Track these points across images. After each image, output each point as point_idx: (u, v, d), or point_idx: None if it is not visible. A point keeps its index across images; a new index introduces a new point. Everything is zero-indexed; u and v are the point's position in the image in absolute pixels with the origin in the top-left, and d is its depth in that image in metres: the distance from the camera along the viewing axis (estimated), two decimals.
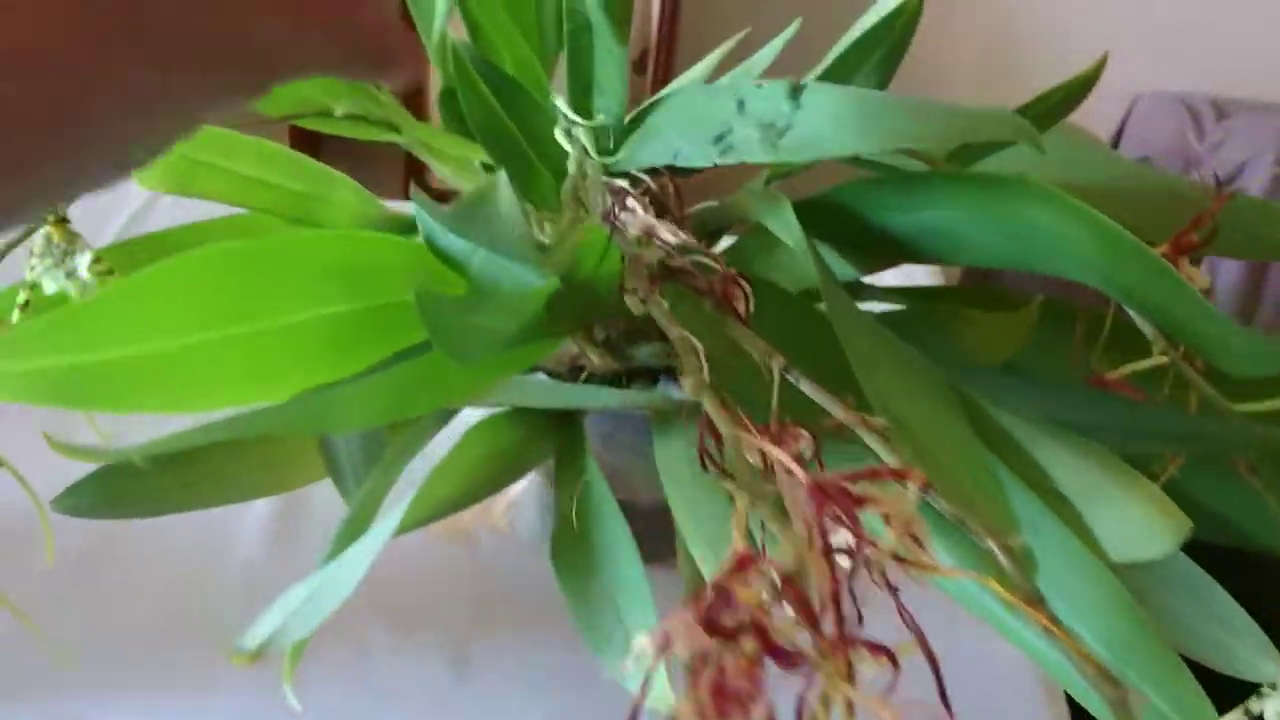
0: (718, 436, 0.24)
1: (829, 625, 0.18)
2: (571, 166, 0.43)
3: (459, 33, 0.50)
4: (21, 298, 0.40)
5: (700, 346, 0.24)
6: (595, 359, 0.48)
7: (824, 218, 0.42)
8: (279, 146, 0.44)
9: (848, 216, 0.42)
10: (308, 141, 1.34)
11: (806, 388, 0.24)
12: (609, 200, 0.31)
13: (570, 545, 0.40)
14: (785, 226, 0.39)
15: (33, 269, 0.41)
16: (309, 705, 0.54)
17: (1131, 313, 0.35)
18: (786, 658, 0.16)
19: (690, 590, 0.43)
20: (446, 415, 0.47)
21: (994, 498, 0.25)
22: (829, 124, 0.34)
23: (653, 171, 0.46)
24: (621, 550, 0.38)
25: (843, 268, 0.44)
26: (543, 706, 0.57)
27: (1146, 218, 0.36)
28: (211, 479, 0.47)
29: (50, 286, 0.41)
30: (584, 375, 0.51)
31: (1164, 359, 0.33)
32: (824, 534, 0.20)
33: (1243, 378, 0.30)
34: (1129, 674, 0.27)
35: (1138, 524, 0.27)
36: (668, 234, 0.28)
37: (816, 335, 0.38)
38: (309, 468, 0.49)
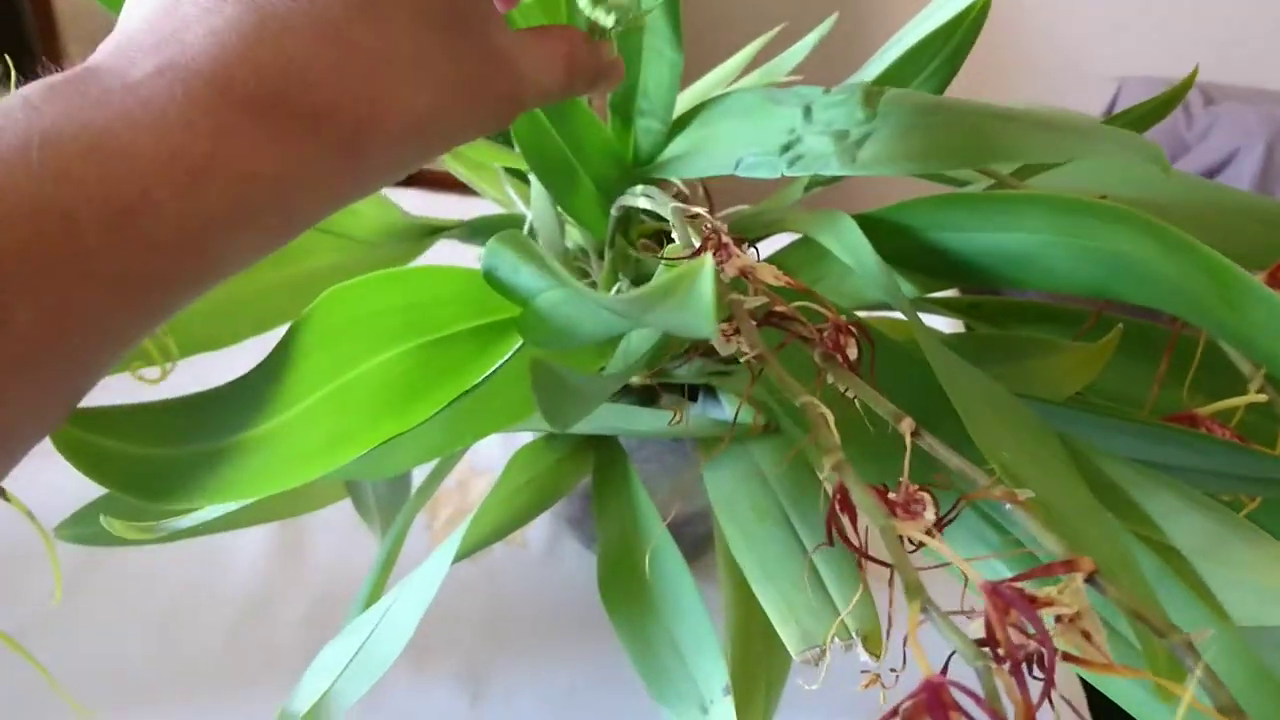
0: (848, 510, 0.22)
1: None
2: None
3: None
4: None
5: (830, 415, 0.22)
6: (633, 376, 0.46)
7: (880, 234, 0.40)
8: None
9: (907, 234, 0.40)
10: None
11: (944, 454, 0.22)
12: (689, 233, 0.29)
13: (621, 580, 0.38)
14: (852, 249, 0.37)
15: None
16: None
17: (1226, 347, 0.33)
18: None
19: (734, 609, 0.41)
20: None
21: (1136, 576, 0.23)
22: (916, 136, 0.32)
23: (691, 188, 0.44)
24: (683, 593, 0.36)
25: (905, 287, 0.42)
26: None
27: (1224, 237, 0.34)
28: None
29: None
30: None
31: (1261, 396, 0.32)
32: (1011, 646, 0.18)
33: None
34: None
35: (1265, 587, 0.26)
36: (770, 276, 0.26)
37: (883, 362, 0.36)
38: (320, 495, 0.46)
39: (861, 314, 0.44)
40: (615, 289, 0.41)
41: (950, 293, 0.56)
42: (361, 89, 0.21)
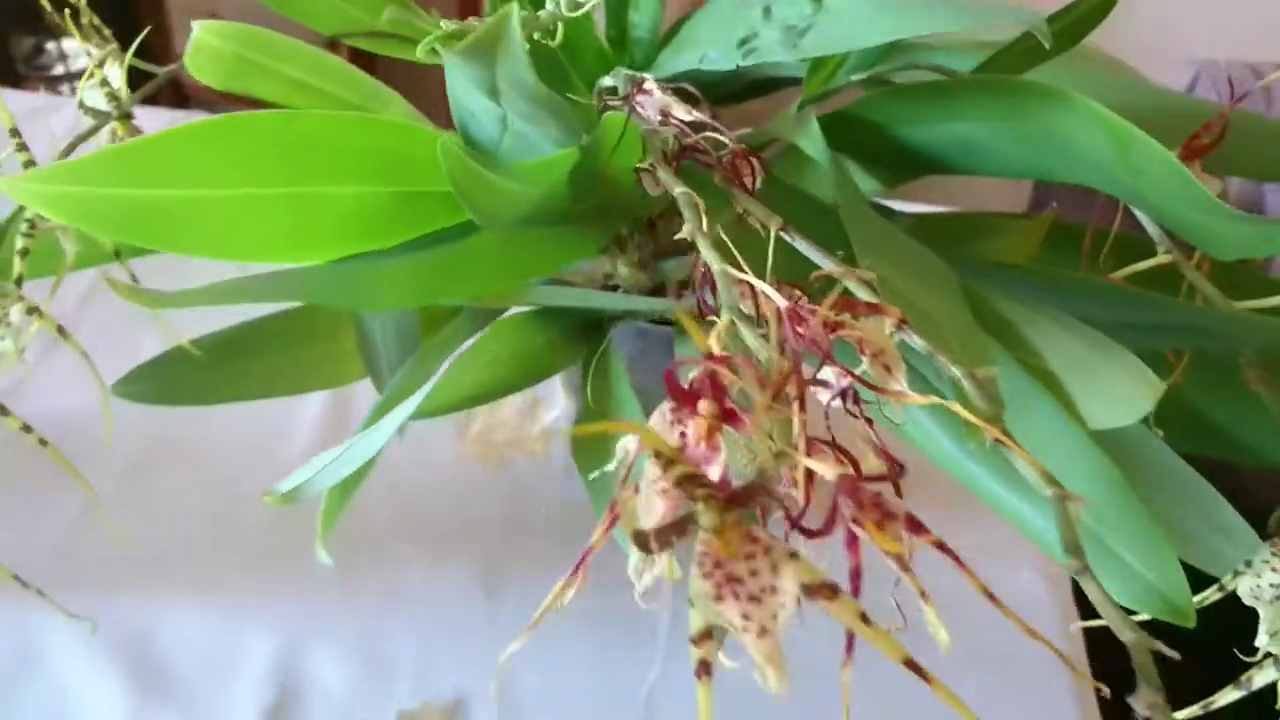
0: (711, 285, 0.26)
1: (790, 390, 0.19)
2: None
3: None
4: None
5: (700, 201, 0.25)
6: (625, 272, 0.50)
7: (851, 132, 0.43)
8: (333, 57, 0.46)
9: (873, 130, 0.43)
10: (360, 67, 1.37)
11: (801, 245, 0.26)
12: (629, 87, 0.33)
13: (590, 444, 0.42)
14: (812, 140, 0.40)
15: None
16: (349, 623, 0.57)
17: (1139, 214, 0.35)
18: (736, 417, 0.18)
19: None
20: (481, 321, 0.49)
21: (970, 338, 0.26)
22: (847, 22, 0.35)
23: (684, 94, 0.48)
24: None
25: (869, 183, 0.45)
26: (573, 623, 0.59)
27: (1166, 133, 0.36)
28: (263, 373, 0.50)
29: None
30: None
31: (1168, 258, 0.34)
32: (795, 350, 0.21)
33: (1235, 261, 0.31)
34: (1106, 534, 0.28)
35: (1117, 393, 0.28)
36: (682, 112, 0.29)
37: (811, 212, 0.39)
38: (349, 367, 0.52)
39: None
40: None
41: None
42: None
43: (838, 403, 0.23)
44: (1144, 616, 0.30)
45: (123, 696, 0.52)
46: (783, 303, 0.22)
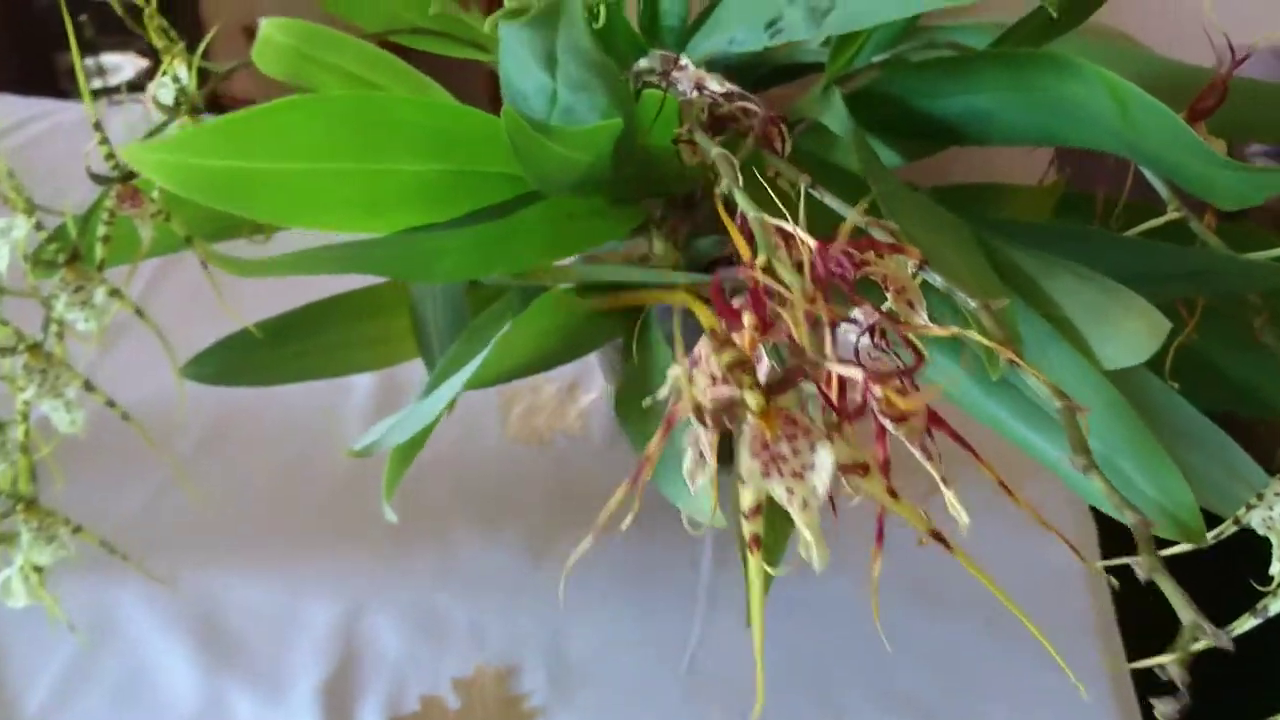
0: (748, 235, 0.28)
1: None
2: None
3: None
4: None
5: (735, 160, 0.28)
6: (661, 249, 0.53)
7: (872, 107, 0.46)
8: (383, 52, 0.49)
9: (895, 104, 0.46)
10: None
11: (828, 199, 0.28)
12: (662, 65, 0.36)
13: (634, 397, 0.44)
14: (835, 115, 0.43)
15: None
16: (405, 593, 0.60)
17: (1147, 173, 0.37)
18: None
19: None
20: (526, 299, 0.52)
21: (986, 280, 0.28)
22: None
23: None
24: None
25: (889, 156, 0.48)
26: (609, 596, 0.62)
27: (1171, 98, 0.38)
28: (320, 352, 0.53)
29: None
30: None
31: (1177, 214, 0.36)
32: (824, 279, 0.24)
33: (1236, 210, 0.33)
34: (1122, 463, 0.30)
35: (1127, 334, 0.30)
36: (715, 84, 0.32)
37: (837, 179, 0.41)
38: (404, 347, 0.55)
39: None
40: None
41: None
42: None
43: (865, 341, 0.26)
44: None
45: (193, 662, 0.56)
46: (813, 242, 0.24)
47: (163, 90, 0.46)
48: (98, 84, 1.73)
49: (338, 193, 0.33)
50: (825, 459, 0.17)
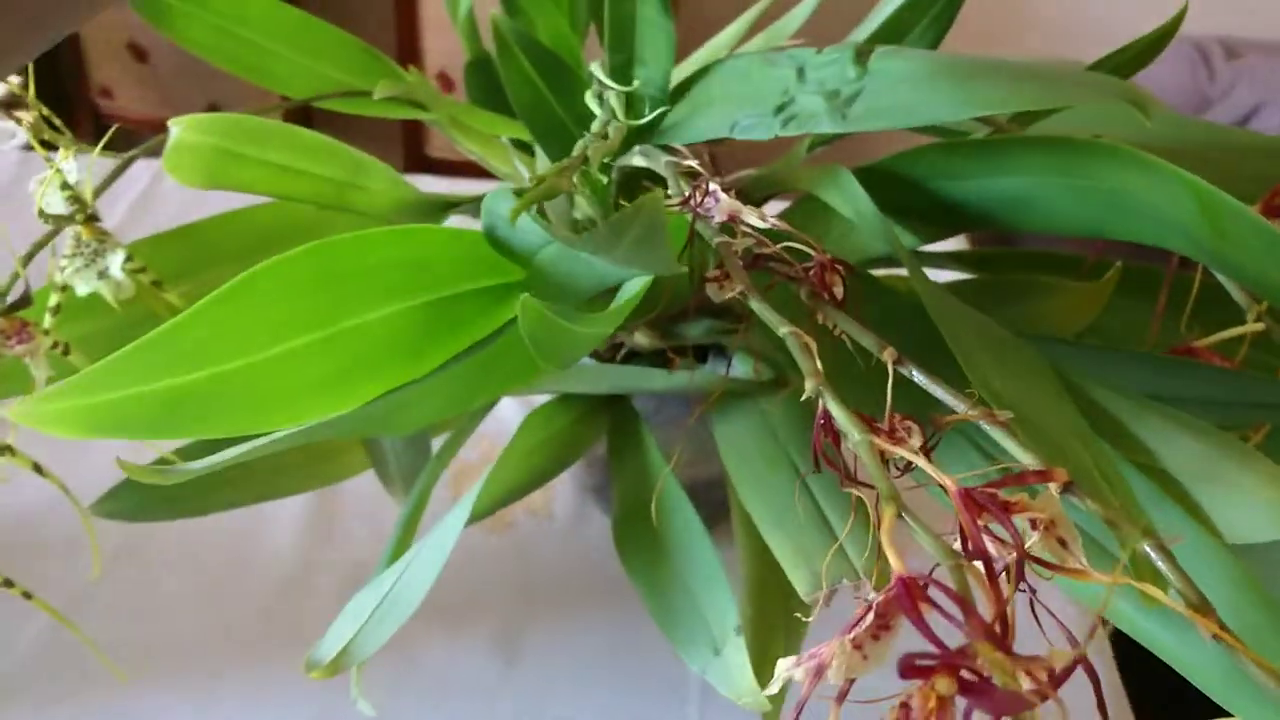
0: (834, 436, 0.23)
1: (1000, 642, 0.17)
2: (595, 126, 0.41)
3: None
4: (53, 300, 0.39)
5: (814, 344, 0.22)
6: (640, 338, 0.47)
7: (883, 186, 0.41)
8: (312, 133, 0.42)
9: (909, 185, 0.41)
10: (298, 117, 1.31)
11: (922, 380, 0.23)
12: (681, 185, 0.30)
13: (635, 532, 0.39)
14: (850, 200, 0.37)
15: (63, 270, 0.39)
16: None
17: (1222, 278, 0.33)
18: (979, 691, 0.15)
19: (748, 559, 0.42)
20: (489, 405, 0.46)
21: (1123, 492, 0.23)
22: (905, 90, 0.32)
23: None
24: (693, 539, 0.37)
25: (903, 238, 0.43)
26: (592, 693, 0.57)
27: (1226, 177, 0.34)
28: (255, 478, 0.46)
29: (82, 288, 0.39)
30: (623, 352, 0.49)
31: (1259, 325, 0.32)
32: (979, 542, 0.18)
33: None
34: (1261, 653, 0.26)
35: (1257, 504, 0.26)
36: (755, 219, 0.26)
37: (883, 308, 0.36)
38: (350, 462, 0.48)
39: (874, 273, 0.45)
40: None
41: (958, 243, 0.56)
42: None
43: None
44: None
45: None
46: (951, 484, 0.19)
47: (51, 198, 0.38)
48: None
49: (302, 375, 0.26)
50: None
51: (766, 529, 0.36)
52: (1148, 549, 0.20)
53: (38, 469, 0.38)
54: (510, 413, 0.59)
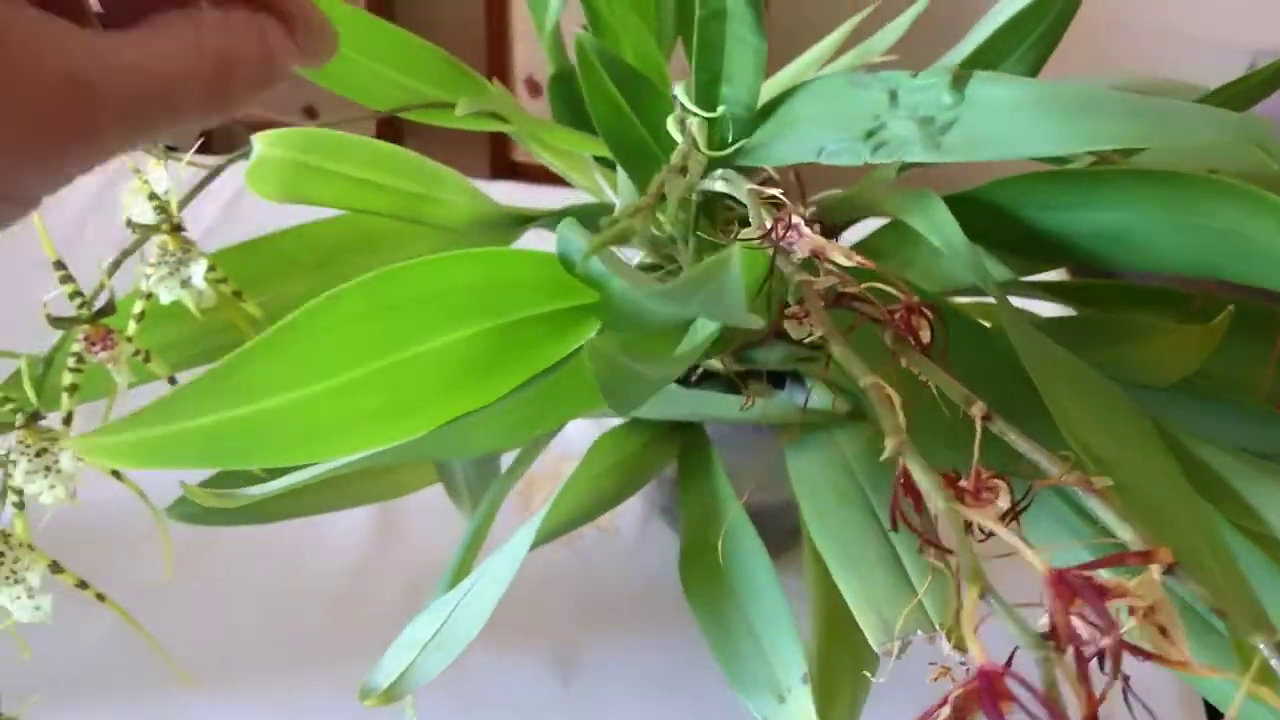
0: (912, 493, 0.22)
1: None
2: (674, 157, 0.40)
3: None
4: (138, 308, 0.39)
5: (897, 398, 0.21)
6: (715, 362, 0.46)
7: (975, 214, 0.39)
8: (389, 145, 0.42)
9: (1003, 214, 0.39)
10: (386, 123, 1.33)
11: (1015, 439, 0.22)
12: (763, 214, 0.29)
13: (701, 566, 0.38)
14: (939, 229, 0.36)
15: (147, 278, 0.40)
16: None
17: None
18: None
19: (818, 597, 0.40)
20: (558, 426, 0.45)
21: (1233, 573, 0.22)
22: (1005, 120, 0.31)
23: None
24: (761, 580, 0.36)
25: (996, 270, 0.41)
26: (650, 712, 0.56)
27: None
28: (320, 489, 0.46)
29: (165, 296, 0.39)
30: (698, 374, 0.48)
31: None
32: (1072, 635, 0.17)
33: None
34: None
35: None
36: (841, 256, 0.25)
37: (972, 351, 0.35)
38: (416, 477, 0.48)
39: (955, 299, 0.43)
40: None
41: (1057, 275, 0.53)
42: None
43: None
44: None
45: None
46: (1043, 567, 0.18)
47: (138, 208, 0.38)
48: None
49: (359, 405, 0.26)
50: None
51: (836, 568, 0.35)
52: (1261, 646, 0.18)
53: (116, 474, 0.38)
54: (581, 424, 0.59)
